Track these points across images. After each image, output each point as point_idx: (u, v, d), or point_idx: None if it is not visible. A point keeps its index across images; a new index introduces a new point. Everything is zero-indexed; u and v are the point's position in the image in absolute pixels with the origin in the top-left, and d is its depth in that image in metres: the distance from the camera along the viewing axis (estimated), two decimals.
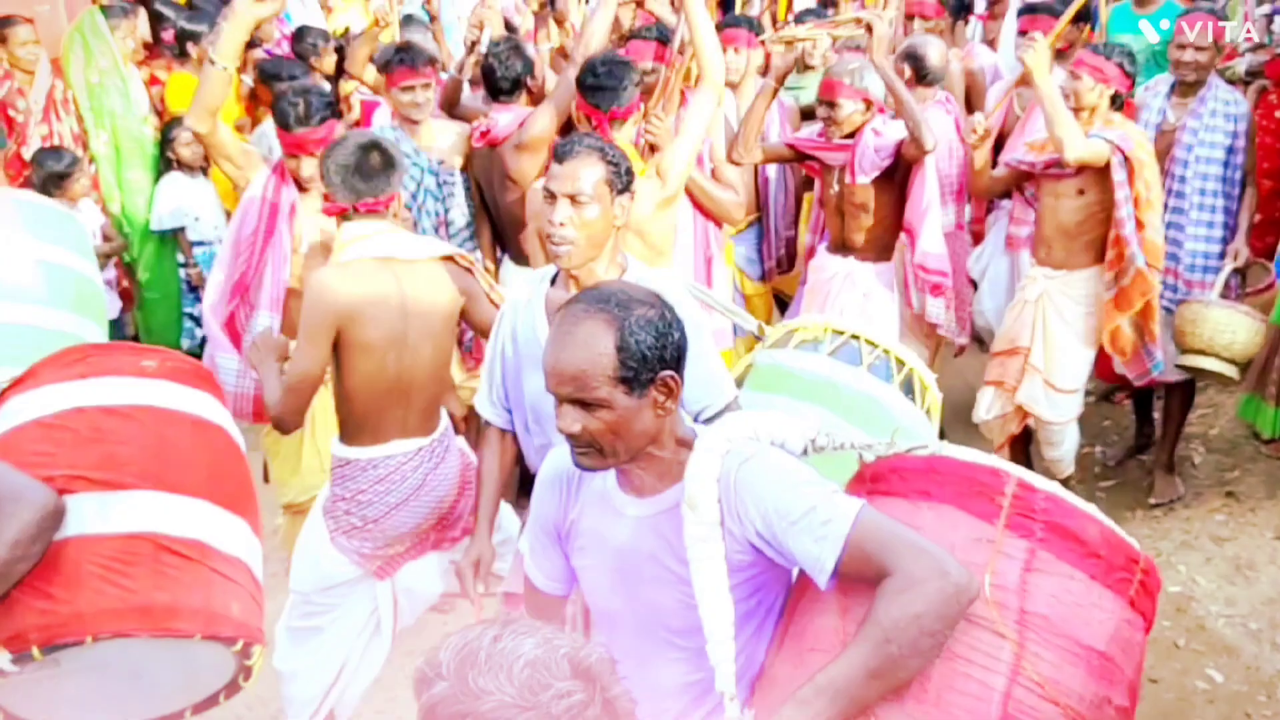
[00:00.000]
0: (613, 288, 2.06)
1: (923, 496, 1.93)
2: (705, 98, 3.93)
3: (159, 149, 6.13)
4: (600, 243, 2.75)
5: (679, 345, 2.03)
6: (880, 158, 4.38)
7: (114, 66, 6.07)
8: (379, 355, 3.19)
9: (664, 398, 2.02)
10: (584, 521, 2.21)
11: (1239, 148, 4.76)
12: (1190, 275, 4.85)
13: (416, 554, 3.45)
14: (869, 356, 2.71)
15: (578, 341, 1.97)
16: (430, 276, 3.28)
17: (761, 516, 1.95)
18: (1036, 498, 1.90)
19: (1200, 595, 4.49)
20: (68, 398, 2.58)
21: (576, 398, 1.98)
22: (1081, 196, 4.47)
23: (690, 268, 4.43)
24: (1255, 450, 5.41)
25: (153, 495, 2.50)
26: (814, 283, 4.77)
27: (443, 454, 3.37)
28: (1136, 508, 5.12)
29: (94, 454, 2.50)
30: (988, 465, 1.94)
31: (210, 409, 2.80)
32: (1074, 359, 4.65)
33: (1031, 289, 4.67)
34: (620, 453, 2.03)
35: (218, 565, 2.54)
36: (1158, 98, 4.93)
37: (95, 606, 2.36)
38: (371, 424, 3.27)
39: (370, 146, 3.28)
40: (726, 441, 2.02)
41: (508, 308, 3.00)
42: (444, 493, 3.38)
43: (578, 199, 2.70)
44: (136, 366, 2.73)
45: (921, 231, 4.49)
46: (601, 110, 3.83)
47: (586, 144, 2.76)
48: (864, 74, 4.39)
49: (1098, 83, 4.37)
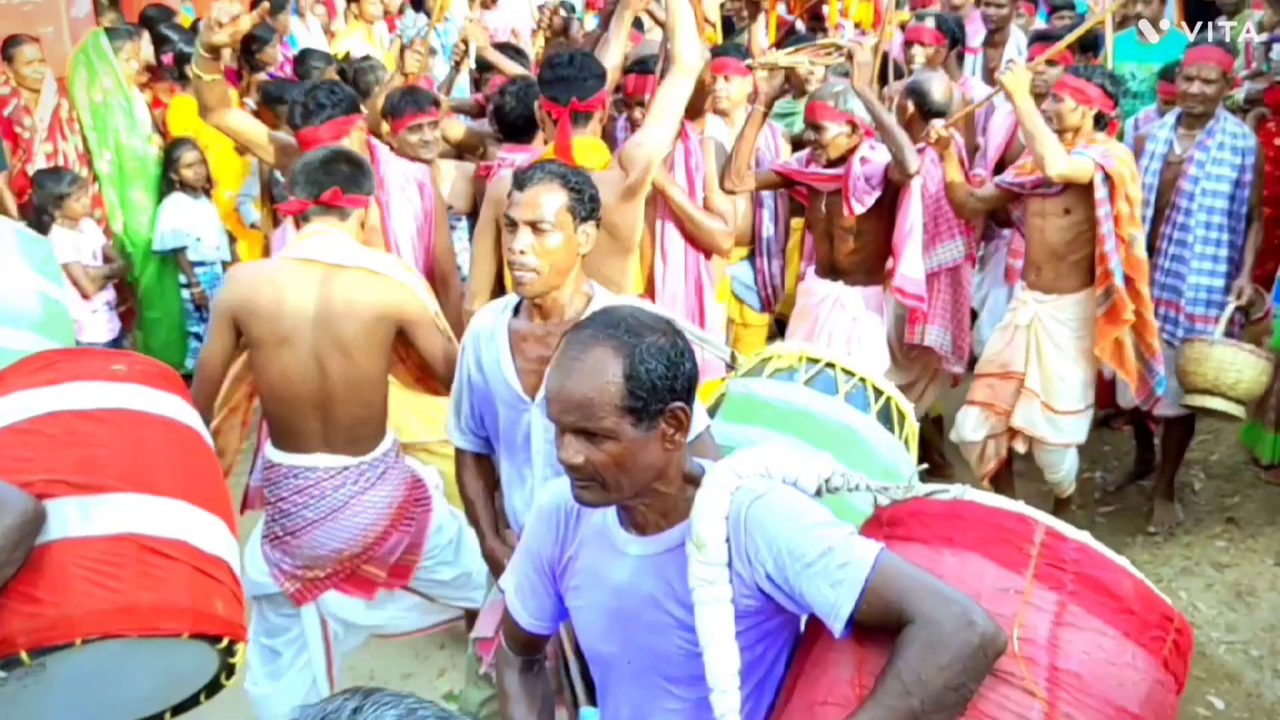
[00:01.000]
0: (623, 312, 1.90)
1: (944, 542, 1.77)
2: (674, 82, 3.59)
3: (162, 169, 6.05)
4: (564, 270, 2.63)
5: (690, 376, 1.88)
6: (871, 185, 4.29)
7: (118, 87, 6.03)
8: (280, 357, 3.07)
9: (673, 430, 1.86)
10: (581, 559, 2.04)
11: (1246, 181, 4.61)
12: (1193, 309, 4.70)
13: (341, 585, 3.26)
14: (845, 385, 2.57)
15: (585, 368, 1.82)
16: (354, 286, 3.08)
17: (773, 558, 1.79)
18: (1067, 547, 1.73)
19: (1201, 621, 4.37)
20: (39, 403, 2.54)
21: (581, 427, 1.82)
22: (1068, 216, 4.39)
23: (681, 298, 4.29)
24: (1255, 476, 5.31)
25: (133, 497, 2.47)
26: (802, 307, 4.67)
27: (375, 480, 3.19)
28: (1137, 533, 5.01)
29: (71, 458, 2.46)
30: (1014, 511, 1.78)
31: (180, 410, 2.77)
32: (1071, 381, 4.54)
33: (1023, 313, 4.57)
34: (624, 488, 1.86)
35: (200, 564, 2.52)
36: (1164, 128, 4.79)
37: (83, 608, 2.32)
38: (290, 430, 3.14)
39: (340, 153, 3.20)
40: (737, 478, 1.85)
41: (469, 339, 2.82)
42: (370, 520, 3.19)
43: (539, 226, 2.58)
44: (106, 370, 2.70)
45: (903, 255, 4.38)
46: (561, 103, 3.56)
47: (549, 170, 2.63)
48: (847, 97, 4.28)
49: (1079, 104, 4.33)
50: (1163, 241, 4.73)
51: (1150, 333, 4.47)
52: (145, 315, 6.08)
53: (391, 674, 4.18)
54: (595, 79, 3.62)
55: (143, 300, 6.07)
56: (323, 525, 3.13)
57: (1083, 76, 4.37)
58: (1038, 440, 4.60)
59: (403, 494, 3.25)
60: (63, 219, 5.47)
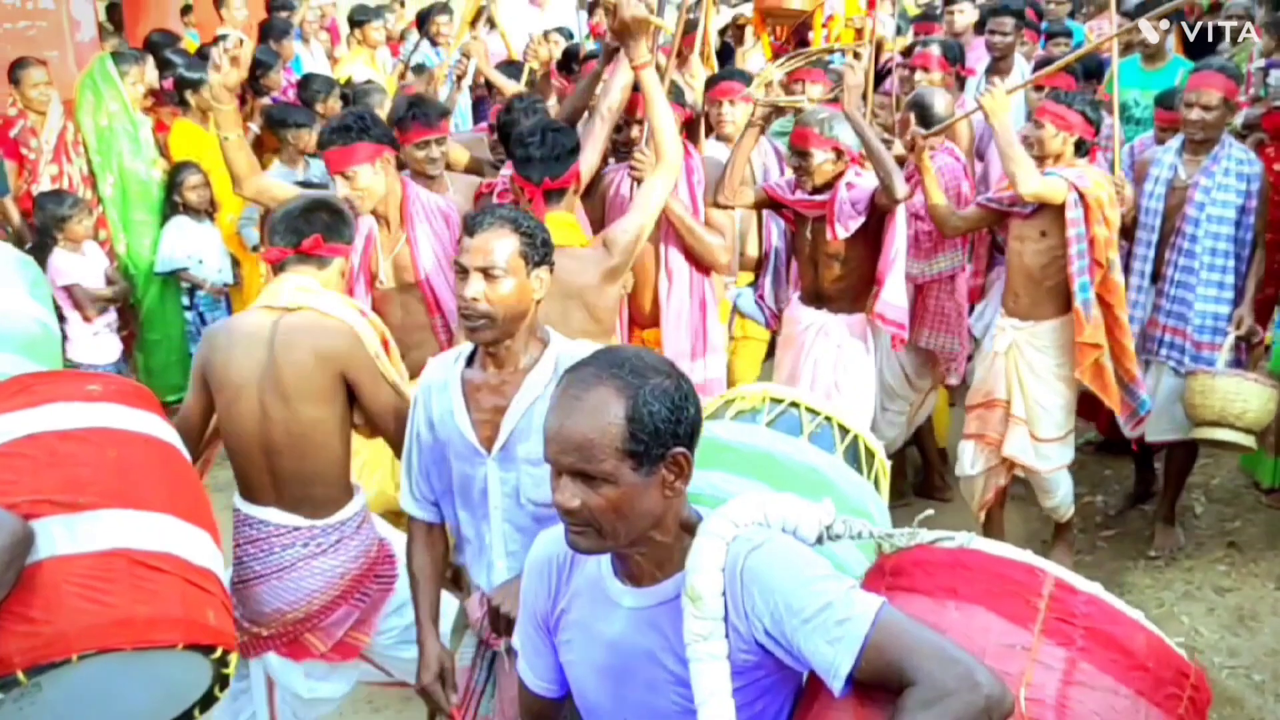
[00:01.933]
0: (626, 353, 1.80)
1: (949, 594, 1.66)
2: (660, 179, 3.62)
3: (165, 193, 6.00)
4: (518, 317, 2.51)
5: (694, 421, 1.77)
6: (856, 210, 4.21)
7: (124, 111, 6.01)
8: (230, 403, 2.96)
9: (673, 477, 1.75)
10: (574, 611, 1.93)
11: (1251, 208, 4.52)
12: (1200, 337, 4.59)
13: (284, 649, 3.10)
14: (810, 425, 2.44)
15: (586, 408, 1.71)
16: (298, 328, 2.93)
17: (770, 613, 1.68)
18: (1077, 600, 1.62)
19: (1203, 646, 4.29)
20: (18, 426, 2.53)
21: (579, 469, 1.71)
22: (1044, 239, 4.31)
23: (686, 316, 4.23)
24: (1256, 500, 5.23)
25: (119, 513, 2.46)
26: (788, 334, 4.58)
27: (327, 546, 3.02)
28: (1139, 558, 4.92)
29: (55, 478, 2.45)
30: (1022, 562, 1.67)
31: (158, 428, 2.75)
32: (1051, 408, 4.45)
33: (1001, 340, 4.50)
34: (620, 534, 1.75)
35: (190, 576, 2.51)
36: (1169, 153, 4.69)
37: (77, 624, 2.30)
38: (246, 480, 3.04)
39: (322, 201, 3.11)
40: (733, 527, 1.75)
41: (421, 393, 2.68)
42: (316, 587, 3.02)
43: (491, 273, 2.46)
44: (82, 391, 2.69)
45: (887, 282, 4.29)
46: (534, 182, 3.49)
47: (499, 215, 2.51)
48: (833, 123, 4.20)
49: (1060, 130, 4.27)
50: (1168, 268, 4.64)
51: (1129, 359, 4.40)
52: (146, 337, 6.02)
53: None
54: (568, 155, 3.54)
55: (144, 322, 6.02)
56: (267, 582, 2.99)
57: (1064, 103, 4.31)
58: (1029, 469, 4.53)
59: (359, 567, 3.08)
60: (65, 241, 5.42)
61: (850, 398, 4.31)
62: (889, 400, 5.08)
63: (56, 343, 3.45)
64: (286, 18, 8.39)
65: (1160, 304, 4.66)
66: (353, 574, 3.06)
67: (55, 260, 5.37)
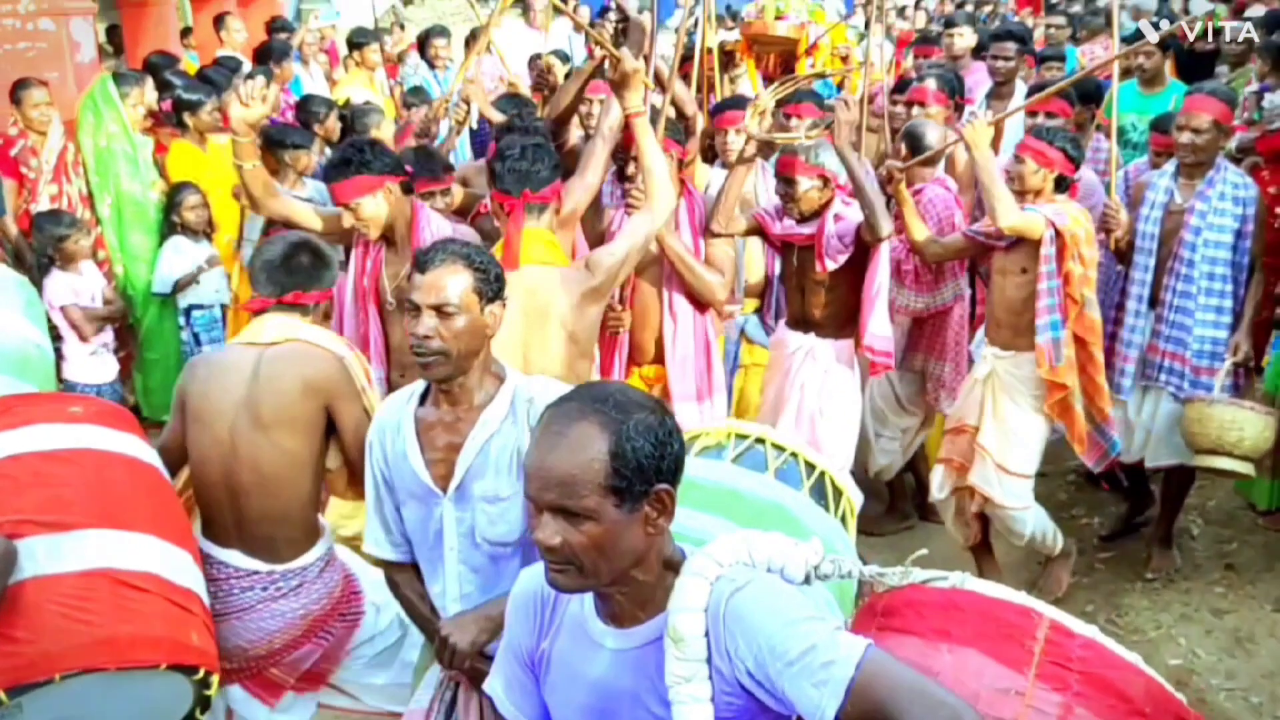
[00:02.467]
0: (610, 388, 1.75)
1: (941, 637, 1.60)
2: (646, 219, 3.53)
3: (163, 213, 5.94)
4: (471, 354, 2.44)
5: (678, 457, 1.72)
6: (844, 244, 4.18)
7: (123, 132, 5.97)
8: (200, 437, 2.90)
9: (656, 514, 1.70)
10: (557, 651, 1.86)
11: (1248, 231, 4.47)
12: (1199, 361, 4.53)
13: (245, 682, 3.02)
14: (775, 461, 2.41)
15: (568, 443, 1.66)
16: (284, 358, 2.88)
17: (754, 655, 1.62)
18: (1072, 644, 1.57)
19: (1201, 668, 4.25)
20: (1, 447, 2.54)
21: (560, 505, 1.66)
22: (1024, 274, 4.28)
23: (691, 361, 4.21)
24: (1253, 522, 5.17)
25: (102, 533, 2.46)
26: (775, 359, 4.54)
27: (287, 591, 2.94)
28: (1136, 580, 4.86)
29: (37, 498, 2.45)
30: (1017, 604, 1.61)
31: (139, 449, 2.75)
32: (1024, 441, 4.39)
33: (981, 368, 4.48)
34: (602, 573, 1.70)
35: (172, 596, 2.50)
36: (1165, 177, 4.64)
37: (60, 644, 2.30)
38: (210, 520, 2.96)
39: (301, 245, 3.05)
40: (717, 566, 1.69)
41: (374, 433, 2.59)
42: (277, 627, 2.94)
43: (444, 310, 2.39)
44: (64, 413, 2.70)
45: (871, 314, 4.25)
46: (513, 195, 3.41)
47: (451, 251, 2.44)
48: (819, 151, 4.18)
49: (1041, 166, 4.24)
50: (1165, 293, 4.58)
51: (1102, 398, 4.35)
52: (145, 356, 5.97)
53: None
54: (549, 170, 3.47)
55: (143, 342, 5.97)
56: (227, 621, 2.90)
57: (1045, 139, 4.28)
58: (992, 501, 4.45)
59: (321, 608, 3.01)
60: (62, 261, 5.36)
61: (834, 423, 4.27)
62: (881, 426, 5.05)
63: (50, 364, 3.46)
64: (286, 39, 8.39)
65: (1159, 329, 4.61)
66: (315, 615, 2.99)
67: (52, 280, 5.32)
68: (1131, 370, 4.67)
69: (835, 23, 7.74)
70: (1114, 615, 4.61)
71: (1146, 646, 4.34)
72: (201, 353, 3.20)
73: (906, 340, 5.02)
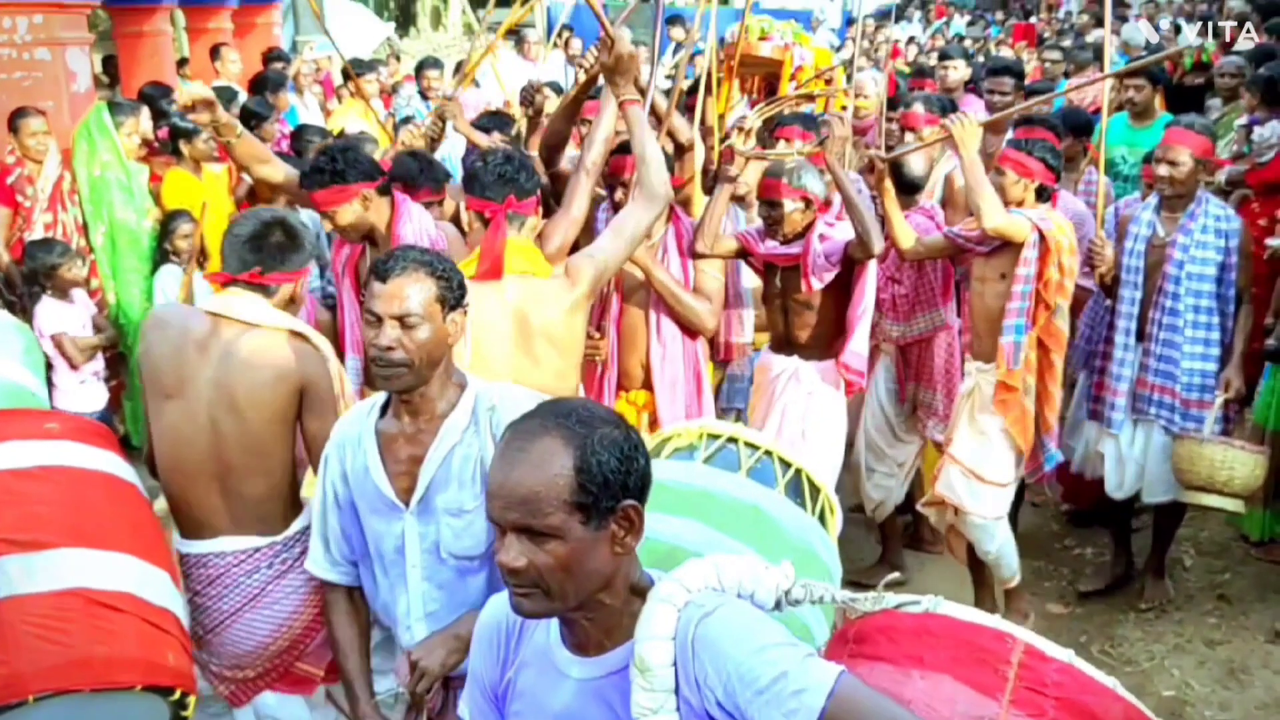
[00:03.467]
0: (573, 403, 1.69)
1: (914, 663, 1.55)
2: (641, 207, 3.37)
3: (156, 241, 5.94)
4: (434, 364, 2.37)
5: (644, 472, 1.66)
6: (830, 263, 4.15)
7: (117, 161, 5.97)
8: (168, 417, 2.78)
9: (624, 532, 1.64)
10: (521, 682, 1.80)
11: (1232, 264, 4.44)
12: (1189, 395, 4.49)
13: (275, 685, 2.93)
14: (748, 460, 2.32)
15: (531, 459, 1.59)
16: (262, 346, 2.76)
17: (723, 684, 1.56)
18: (1048, 669, 1.52)
19: (1194, 699, 4.20)
20: None
21: (524, 525, 1.59)
22: (1004, 281, 4.24)
23: (681, 385, 4.16)
24: (1246, 553, 5.14)
25: (77, 552, 2.42)
26: (759, 383, 4.48)
27: (292, 561, 2.83)
28: (1129, 610, 4.81)
29: (11, 516, 2.41)
30: (991, 627, 1.56)
31: (117, 466, 2.70)
32: (1000, 450, 4.32)
33: (965, 383, 4.43)
34: (569, 595, 1.63)
35: (148, 616, 2.46)
36: (1147, 210, 4.61)
37: (34, 665, 2.27)
38: (192, 511, 2.84)
39: (274, 223, 2.90)
40: (685, 592, 1.63)
41: (333, 448, 2.50)
42: (292, 608, 2.84)
43: (407, 320, 2.31)
44: (40, 429, 2.65)
45: (854, 333, 4.23)
46: (496, 201, 3.26)
47: (412, 259, 2.36)
48: (801, 173, 4.16)
49: (1021, 176, 4.23)
50: (1152, 326, 4.54)
51: (1051, 409, 4.29)
52: (135, 385, 5.90)
53: None
54: (531, 183, 3.37)
55: (134, 370, 5.89)
56: (241, 617, 2.82)
57: (1024, 150, 4.27)
58: (961, 510, 4.38)
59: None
60: (54, 290, 5.35)
61: (818, 446, 4.21)
62: (877, 461, 4.97)
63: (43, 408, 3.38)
64: (281, 69, 8.42)
65: (1147, 362, 4.56)
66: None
67: (43, 308, 5.31)
68: (1122, 404, 4.62)
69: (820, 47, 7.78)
70: (1107, 645, 4.56)
71: (1140, 677, 4.30)
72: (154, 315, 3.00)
73: (895, 370, 4.98)
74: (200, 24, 10.21)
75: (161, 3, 9.01)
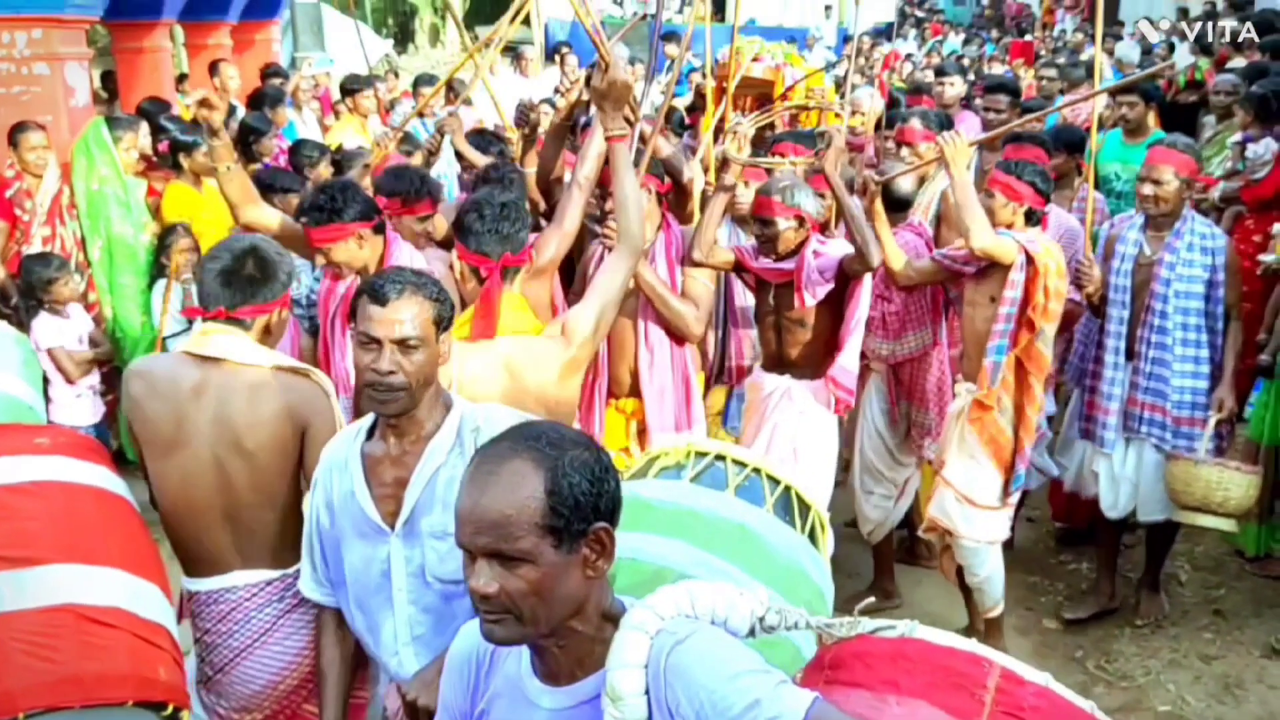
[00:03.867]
0: (542, 426, 1.68)
1: (890, 688, 1.53)
2: (619, 260, 3.25)
3: (154, 256, 5.93)
4: (428, 385, 2.36)
5: (615, 495, 1.64)
6: (825, 278, 4.11)
7: (115, 175, 5.98)
8: (172, 462, 2.75)
9: (595, 556, 1.62)
10: (493, 713, 1.77)
11: (1219, 281, 4.44)
12: (1179, 413, 4.48)
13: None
14: (736, 478, 2.29)
15: (501, 482, 1.57)
16: (257, 385, 2.74)
17: (695, 712, 1.53)
18: (1025, 692, 1.50)
19: (1190, 714, 4.18)
20: None
21: (495, 549, 1.57)
22: (994, 304, 4.23)
23: (670, 392, 4.15)
24: (1241, 568, 5.15)
25: (67, 568, 2.40)
26: (751, 401, 4.44)
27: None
28: (1124, 626, 4.79)
29: (1, 532, 2.40)
30: (967, 651, 1.54)
31: (108, 480, 2.68)
32: (989, 475, 4.28)
33: (956, 404, 4.40)
34: (541, 620, 1.61)
35: (140, 631, 2.44)
36: (1133, 229, 4.61)
37: (24, 682, 2.25)
38: (200, 549, 2.80)
39: (247, 253, 2.84)
40: (658, 619, 1.60)
41: (320, 474, 2.47)
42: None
43: (407, 344, 2.29)
44: (30, 444, 2.64)
45: (845, 348, 4.20)
46: (492, 258, 3.17)
47: (407, 281, 2.34)
48: (795, 192, 4.14)
49: (1010, 200, 4.23)
50: (1141, 345, 4.53)
51: (1028, 432, 4.24)
52: None
53: None
54: (526, 230, 3.30)
55: None
56: (251, 654, 2.79)
57: (1014, 173, 4.26)
58: (954, 534, 4.34)
59: None
60: (50, 303, 5.34)
61: (809, 464, 4.18)
62: (874, 483, 4.93)
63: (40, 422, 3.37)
64: (280, 85, 8.43)
65: (1137, 381, 4.55)
66: None
67: (39, 322, 5.31)
68: (1114, 423, 4.61)
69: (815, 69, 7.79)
70: (1103, 661, 4.54)
71: (1135, 692, 4.28)
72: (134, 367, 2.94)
73: (887, 389, 4.95)
74: (199, 40, 10.21)
75: (161, 18, 9.01)
